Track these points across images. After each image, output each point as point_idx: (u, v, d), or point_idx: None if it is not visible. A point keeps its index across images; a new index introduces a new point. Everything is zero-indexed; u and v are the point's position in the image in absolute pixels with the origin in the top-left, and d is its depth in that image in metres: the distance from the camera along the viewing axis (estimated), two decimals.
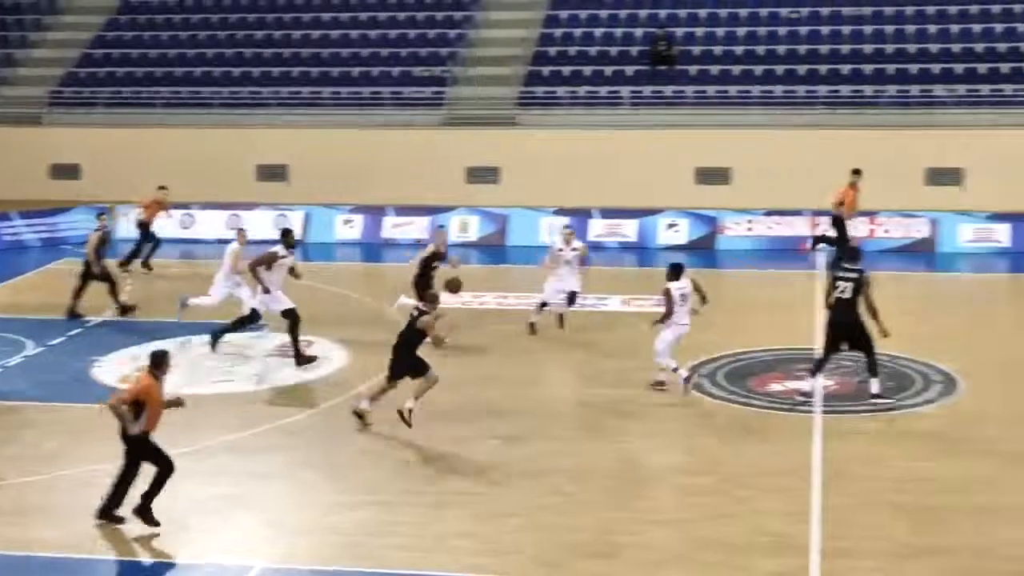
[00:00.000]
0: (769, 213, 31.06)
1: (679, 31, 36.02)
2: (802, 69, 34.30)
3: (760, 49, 35.23)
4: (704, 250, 30.53)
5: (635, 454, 17.33)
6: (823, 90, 33.62)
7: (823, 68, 34.24)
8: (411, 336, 17.89)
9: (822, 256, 28.98)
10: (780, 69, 34.42)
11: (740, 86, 34.04)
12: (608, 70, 35.23)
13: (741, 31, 36.04)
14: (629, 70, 35.13)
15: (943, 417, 18.56)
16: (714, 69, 34.79)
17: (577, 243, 23.27)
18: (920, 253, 29.92)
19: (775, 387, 19.91)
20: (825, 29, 35.62)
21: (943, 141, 31.92)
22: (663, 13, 36.89)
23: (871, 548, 14.28)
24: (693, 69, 34.87)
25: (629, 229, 31.45)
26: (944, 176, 31.74)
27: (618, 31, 36.59)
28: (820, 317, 23.19)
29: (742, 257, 29.82)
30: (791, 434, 17.88)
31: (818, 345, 21.55)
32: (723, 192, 32.28)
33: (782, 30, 35.85)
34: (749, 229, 30.76)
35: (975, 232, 30.08)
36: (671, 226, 31.28)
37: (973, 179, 31.58)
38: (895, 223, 30.32)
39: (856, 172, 27.65)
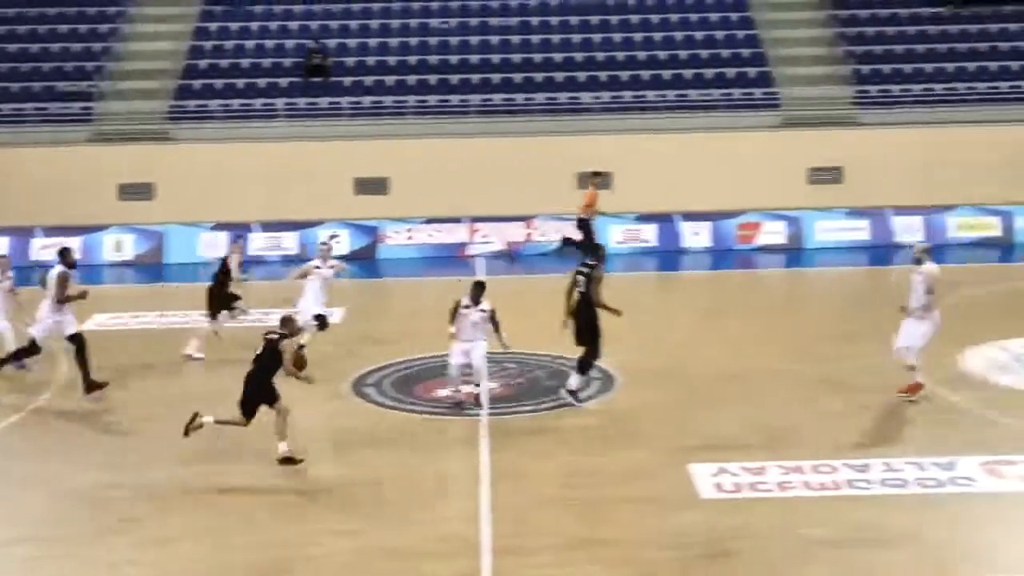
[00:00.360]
0: (428, 221, 31.48)
1: (332, 42, 36.03)
2: (455, 79, 34.90)
3: (413, 59, 35.64)
4: (366, 260, 30.68)
5: (307, 468, 17.21)
6: (476, 99, 34.30)
7: (475, 77, 34.93)
8: (268, 362, 16.91)
9: (482, 261, 29.64)
10: (433, 79, 34.92)
11: (395, 96, 34.35)
12: (262, 82, 34.91)
13: (393, 42, 36.37)
14: (283, 82, 34.91)
15: (603, 413, 19.22)
16: (368, 80, 34.98)
17: (334, 260, 22.81)
18: (575, 255, 30.86)
19: (441, 392, 20.17)
20: (475, 39, 36.35)
21: (592, 146, 33.08)
22: (315, 24, 36.82)
23: (542, 544, 14.65)
24: (347, 80, 34.96)
25: (290, 242, 31.28)
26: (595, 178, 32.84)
27: (270, 43, 36.30)
28: None
29: (404, 266, 30.10)
30: (459, 438, 18.16)
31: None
32: (382, 202, 32.47)
33: (433, 40, 36.37)
34: (409, 238, 31.10)
35: (624, 233, 31.34)
36: (332, 237, 31.23)
37: (621, 181, 32.84)
38: (550, 226, 31.23)
39: (596, 175, 28.54)
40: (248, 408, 16.97)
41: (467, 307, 19.25)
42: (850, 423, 18.49)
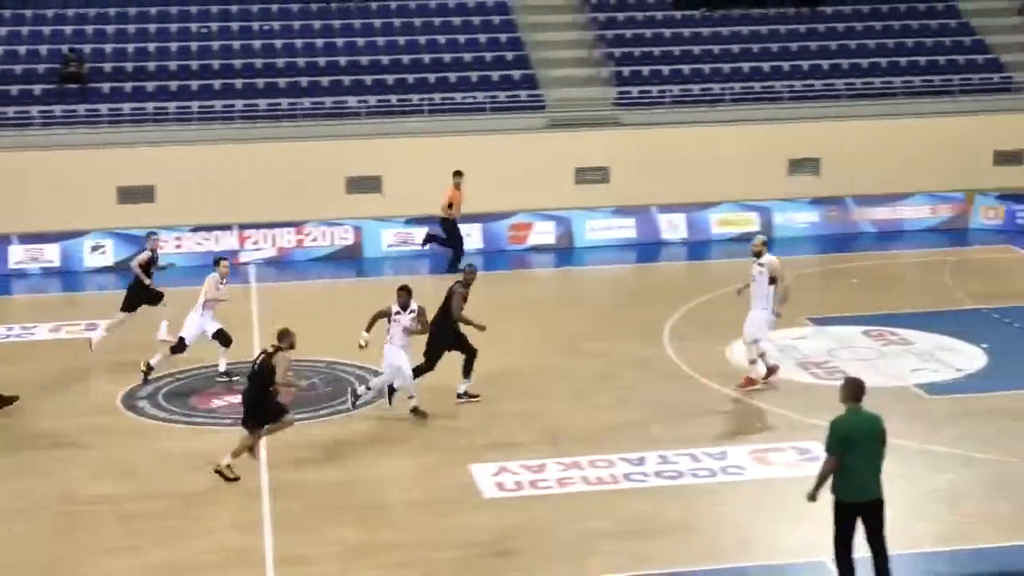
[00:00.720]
0: (196, 229, 30.87)
1: (87, 48, 35.02)
2: (218, 84, 34.32)
3: (173, 65, 34.92)
4: (128, 270, 29.90)
5: (78, 486, 16.72)
6: (240, 104, 33.80)
7: (239, 82, 34.42)
8: (263, 377, 16.48)
9: (254, 269, 29.29)
10: (195, 84, 34.25)
11: (156, 102, 33.56)
12: (14, 89, 33.65)
13: (152, 47, 35.54)
14: (37, 89, 33.73)
15: (381, 419, 19.18)
16: (127, 86, 34.11)
17: (227, 281, 21.90)
18: (347, 259, 30.78)
19: (217, 403, 19.87)
20: (236, 44, 35.82)
21: (361, 150, 32.97)
22: (69, 30, 35.74)
23: (324, 552, 14.57)
24: (106, 87, 34.03)
25: (52, 253, 30.26)
26: (364, 184, 32.78)
27: (22, 48, 35.04)
28: (258, 330, 23.45)
29: (172, 275, 29.34)
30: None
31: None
32: (148, 210, 31.68)
33: (194, 45, 35.71)
34: (178, 246, 30.43)
35: (396, 236, 31.31)
36: (96, 248, 30.41)
37: (391, 185, 32.84)
38: (321, 232, 31.02)
39: (458, 174, 28.72)
40: (251, 424, 16.66)
41: (398, 314, 18.99)
42: (625, 417, 18.90)
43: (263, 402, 16.64)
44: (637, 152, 33.77)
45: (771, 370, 20.15)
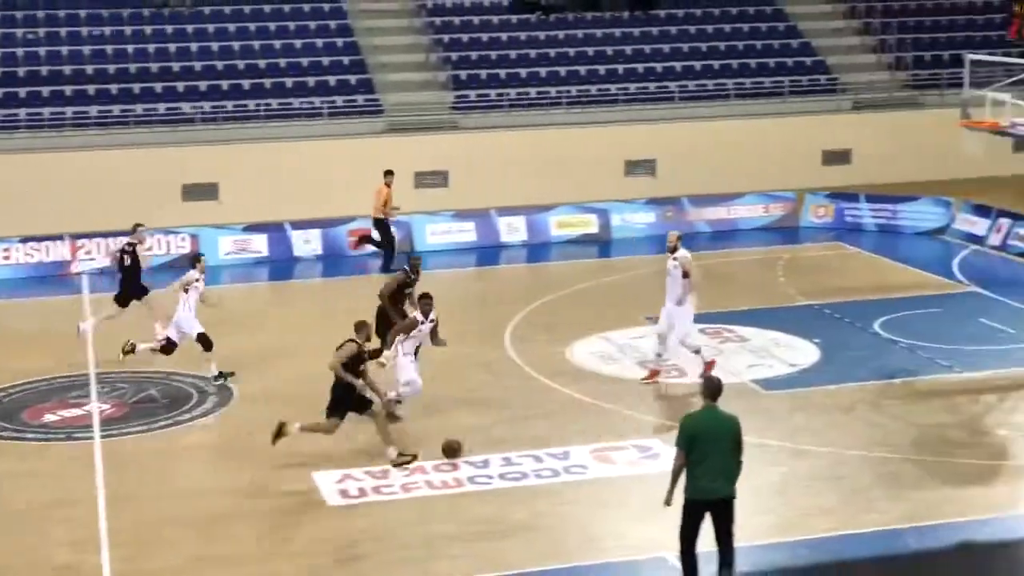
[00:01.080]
0: (25, 240, 30.03)
1: None
2: (45, 91, 33.56)
3: (21, 71, 34.07)
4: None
5: None
6: (70, 111, 33.10)
7: (68, 89, 33.70)
8: (349, 369, 16.72)
9: (87, 279, 28.66)
10: (22, 92, 33.44)
11: None
12: None
13: None
14: None
15: (221, 428, 18.94)
16: None
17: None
18: (184, 268, 30.08)
19: (50, 417, 19.38)
20: (65, 50, 35.04)
21: (196, 157, 32.54)
22: None
23: (164, 566, 14.34)
24: None
25: None
26: (200, 191, 32.34)
27: None
28: (91, 341, 22.92)
29: (1, 287, 28.65)
30: (72, 462, 17.52)
31: (92, 369, 21.26)
32: None
33: (20, 52, 34.82)
34: (7, 257, 29.60)
35: (234, 243, 30.85)
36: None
37: (227, 192, 32.44)
38: (156, 240, 30.38)
39: (389, 173, 28.51)
40: (334, 413, 16.85)
41: (422, 323, 18.60)
42: (468, 420, 18.89)
43: (350, 394, 16.86)
44: (476, 155, 33.90)
45: (655, 372, 20.39)
